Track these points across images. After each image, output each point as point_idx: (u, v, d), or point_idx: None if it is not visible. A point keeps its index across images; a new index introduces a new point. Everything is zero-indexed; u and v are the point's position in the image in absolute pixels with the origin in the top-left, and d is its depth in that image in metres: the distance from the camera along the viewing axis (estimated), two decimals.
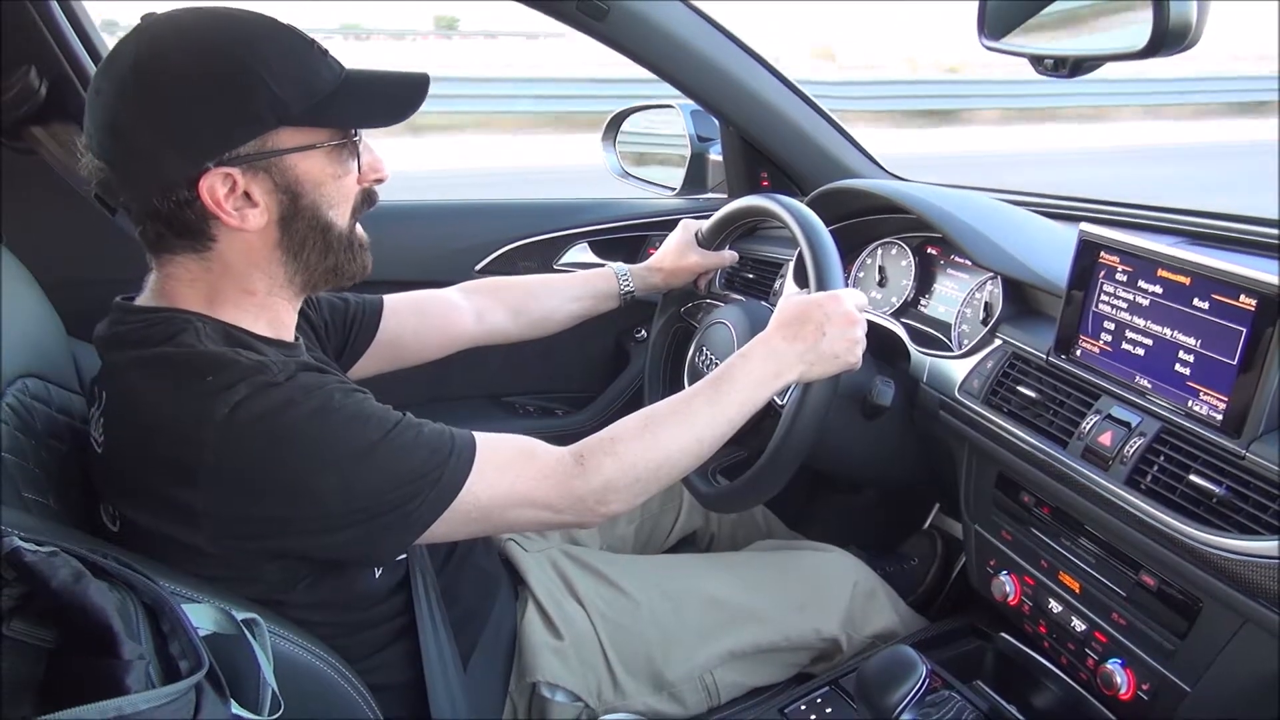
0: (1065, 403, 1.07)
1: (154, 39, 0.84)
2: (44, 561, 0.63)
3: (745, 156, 1.79)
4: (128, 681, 0.60)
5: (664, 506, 1.55)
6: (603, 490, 0.97)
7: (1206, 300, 0.92)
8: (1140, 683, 1.00)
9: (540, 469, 0.96)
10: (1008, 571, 1.19)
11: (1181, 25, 0.89)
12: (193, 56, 0.84)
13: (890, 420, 1.28)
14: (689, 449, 1.03)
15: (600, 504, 0.98)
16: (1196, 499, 0.91)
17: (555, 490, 0.96)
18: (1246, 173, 8.30)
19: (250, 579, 0.88)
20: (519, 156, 8.63)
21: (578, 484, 0.96)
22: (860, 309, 1.12)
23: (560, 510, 0.97)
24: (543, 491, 0.95)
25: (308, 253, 0.93)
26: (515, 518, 0.96)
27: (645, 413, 1.04)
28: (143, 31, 0.85)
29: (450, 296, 1.38)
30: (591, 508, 0.98)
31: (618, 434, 1.01)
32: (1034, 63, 1.06)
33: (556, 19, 1.47)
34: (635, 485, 0.99)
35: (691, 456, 1.03)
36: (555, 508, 0.96)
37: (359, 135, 0.94)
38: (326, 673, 0.88)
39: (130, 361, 0.88)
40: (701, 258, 1.51)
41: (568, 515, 0.98)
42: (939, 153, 9.15)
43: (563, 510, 0.97)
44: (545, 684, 1.15)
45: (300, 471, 0.83)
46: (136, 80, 0.83)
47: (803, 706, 1.15)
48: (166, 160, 0.84)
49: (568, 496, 0.96)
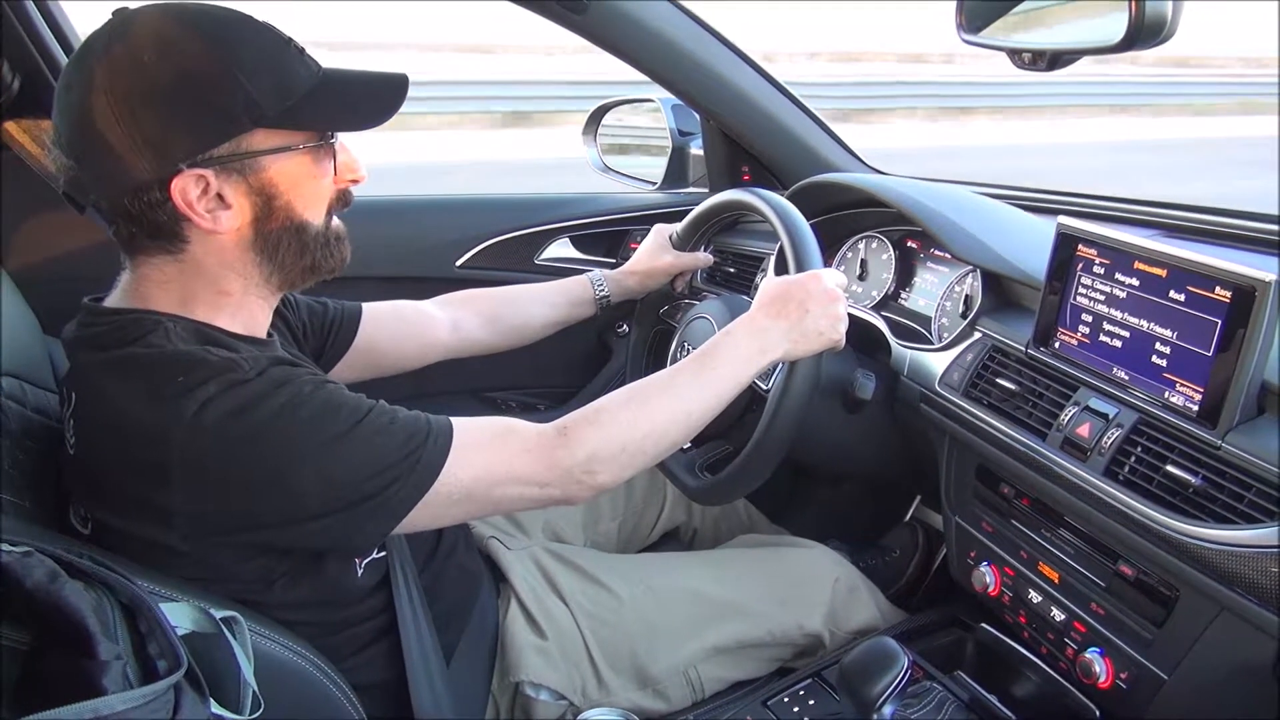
0: (1044, 395, 1.08)
1: (126, 35, 0.82)
2: (18, 562, 0.62)
3: (726, 151, 1.79)
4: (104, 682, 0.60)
5: (647, 501, 1.55)
6: (588, 461, 0.97)
7: (1182, 292, 0.93)
8: (1119, 671, 1.01)
9: (521, 444, 0.95)
10: (988, 562, 1.19)
11: (1157, 19, 0.90)
12: (166, 55, 0.81)
13: (871, 413, 1.29)
14: (675, 420, 1.03)
15: (587, 474, 0.97)
16: (1173, 489, 0.92)
17: (539, 463, 0.95)
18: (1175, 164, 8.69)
19: (225, 578, 0.88)
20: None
21: (562, 455, 0.96)
22: (840, 287, 1.13)
23: (546, 484, 0.96)
24: (525, 466, 0.95)
25: (283, 253, 0.92)
26: (500, 495, 0.95)
27: (631, 386, 1.04)
28: (115, 26, 0.83)
29: (426, 307, 1.38)
30: (578, 479, 0.97)
31: (603, 405, 1.01)
32: (1012, 56, 1.07)
33: (536, 13, 1.46)
34: (621, 456, 0.99)
35: (678, 428, 1.03)
36: (540, 481, 0.96)
37: (335, 136, 0.93)
38: (308, 671, 0.87)
39: (99, 363, 0.86)
40: (676, 259, 1.52)
41: (554, 489, 0.97)
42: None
43: (548, 484, 0.96)
44: (529, 683, 1.14)
45: (273, 465, 0.82)
46: (107, 78, 0.81)
47: (785, 699, 1.15)
48: (137, 161, 0.82)
49: (553, 469, 0.96)
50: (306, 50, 0.89)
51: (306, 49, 0.90)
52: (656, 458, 1.03)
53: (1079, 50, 1.02)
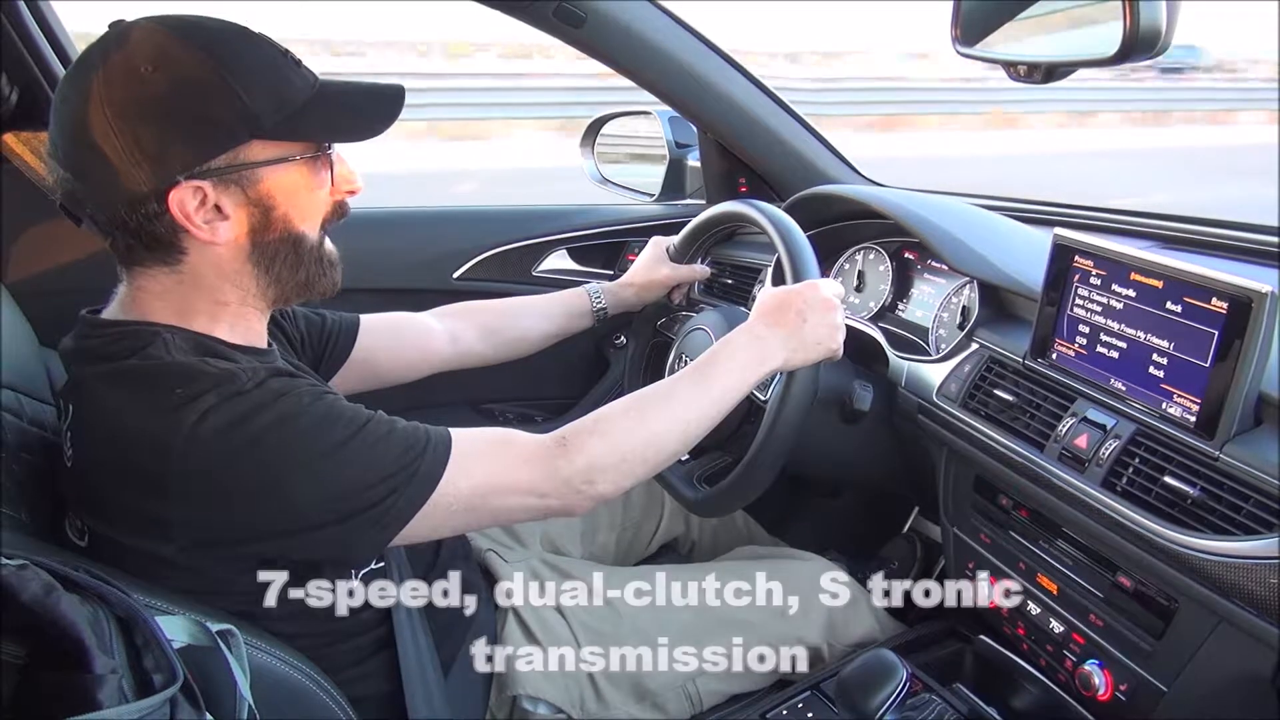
0: (1042, 406, 1.08)
1: (123, 47, 0.82)
2: (14, 575, 0.62)
3: (723, 163, 1.79)
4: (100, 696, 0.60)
5: (646, 513, 1.55)
6: (588, 470, 0.96)
7: (1179, 303, 0.93)
8: (1118, 683, 1.01)
9: (520, 454, 0.95)
10: (986, 574, 1.19)
11: (1151, 31, 0.90)
12: (163, 67, 0.82)
13: (869, 424, 1.29)
14: (675, 430, 1.03)
15: (587, 484, 0.97)
16: (1171, 500, 0.91)
17: (538, 473, 0.95)
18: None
19: (222, 591, 0.87)
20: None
21: (561, 464, 0.95)
22: (838, 297, 1.13)
23: (545, 494, 0.96)
24: (525, 476, 0.94)
25: (279, 266, 0.92)
26: (499, 506, 0.95)
27: (630, 396, 1.04)
28: (111, 39, 0.84)
29: (424, 320, 1.38)
30: (578, 488, 0.97)
31: (603, 414, 1.01)
32: (1007, 69, 1.07)
33: (534, 26, 1.47)
34: (622, 465, 0.99)
35: (678, 438, 1.03)
36: (539, 491, 0.95)
37: (332, 147, 0.93)
38: (305, 684, 0.87)
39: (97, 376, 0.86)
40: (672, 271, 1.52)
41: (553, 499, 0.97)
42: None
43: (548, 494, 0.96)
44: (527, 696, 1.14)
45: (272, 476, 0.82)
46: (104, 90, 0.81)
47: (784, 712, 1.15)
48: (134, 173, 0.82)
49: (552, 479, 0.95)
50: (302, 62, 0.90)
51: (303, 61, 0.90)
52: (657, 467, 1.03)
53: (1074, 62, 1.02)
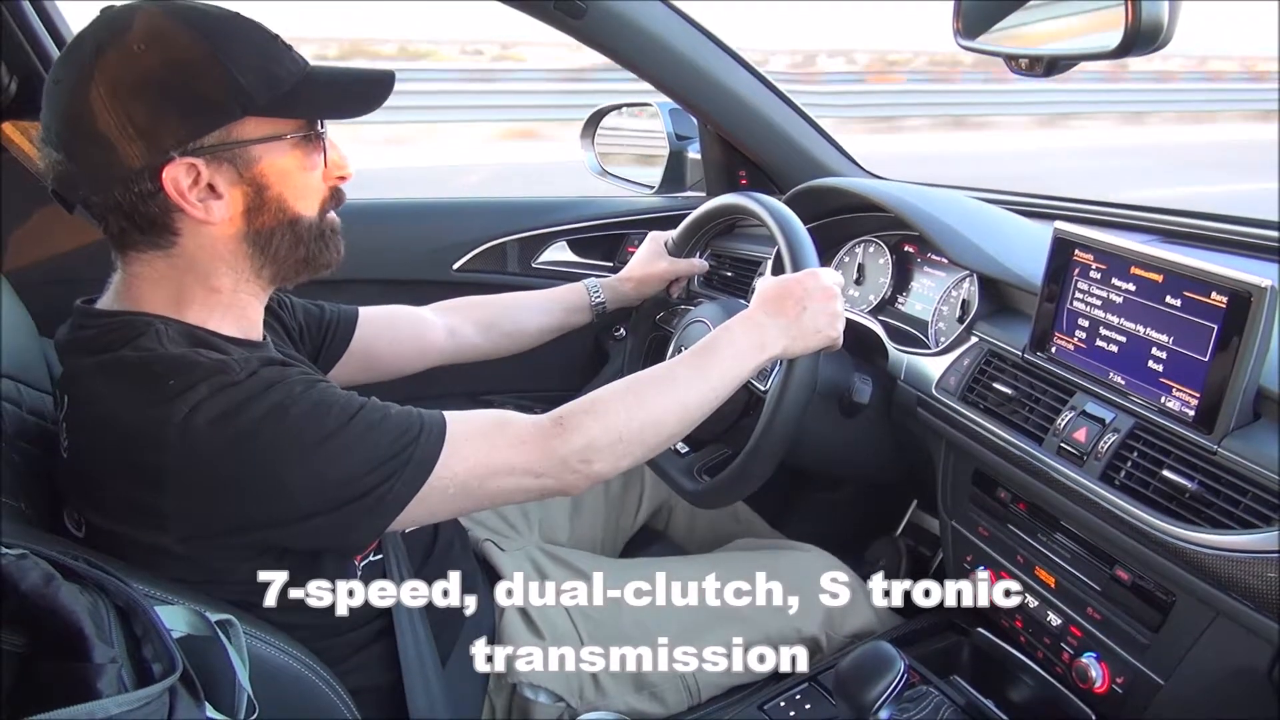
0: (1041, 399, 1.08)
1: (115, 29, 0.83)
2: (14, 564, 0.62)
3: (723, 155, 1.79)
4: (99, 685, 0.60)
5: (626, 486, 1.55)
6: (584, 449, 0.97)
7: (1179, 297, 0.93)
8: (1115, 676, 1.01)
9: (516, 435, 0.95)
10: (984, 567, 1.19)
11: (1153, 25, 0.90)
12: (155, 45, 0.83)
13: (868, 418, 1.29)
14: (673, 412, 1.03)
15: (584, 463, 0.97)
16: (1170, 494, 0.92)
17: (534, 454, 0.95)
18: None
19: (221, 580, 0.87)
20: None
21: (557, 444, 0.96)
22: (837, 286, 1.13)
23: (541, 474, 0.96)
24: (521, 456, 0.94)
25: (276, 245, 0.92)
26: (496, 487, 0.95)
27: (628, 378, 1.05)
28: (103, 22, 0.84)
29: (423, 313, 1.38)
30: (575, 468, 0.97)
31: (600, 395, 1.01)
32: (1009, 62, 1.07)
33: (534, 17, 1.46)
34: (618, 445, 0.99)
35: (675, 420, 1.03)
36: (535, 471, 0.95)
37: (324, 130, 0.93)
38: (304, 675, 0.87)
39: (91, 367, 0.86)
40: (671, 265, 1.52)
41: (550, 480, 0.97)
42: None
43: (544, 474, 0.96)
44: (527, 685, 1.14)
45: (266, 466, 0.82)
46: (97, 69, 0.82)
47: (782, 703, 1.15)
48: (128, 150, 0.83)
49: (548, 458, 0.95)
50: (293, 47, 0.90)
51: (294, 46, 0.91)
52: (653, 449, 1.03)
53: (1076, 56, 1.02)
